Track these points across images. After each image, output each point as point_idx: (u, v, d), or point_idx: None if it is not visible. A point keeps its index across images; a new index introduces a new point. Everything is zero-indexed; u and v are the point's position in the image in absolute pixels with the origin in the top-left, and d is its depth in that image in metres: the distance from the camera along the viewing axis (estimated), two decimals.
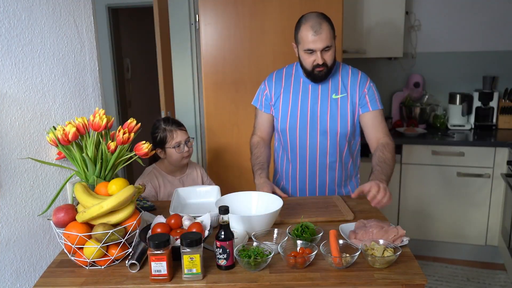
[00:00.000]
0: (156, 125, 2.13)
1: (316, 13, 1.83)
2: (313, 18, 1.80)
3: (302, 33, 1.81)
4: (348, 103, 1.90)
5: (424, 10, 3.44)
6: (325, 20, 1.80)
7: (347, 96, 1.91)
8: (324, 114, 1.91)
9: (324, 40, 1.77)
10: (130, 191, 1.31)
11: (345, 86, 1.92)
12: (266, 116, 2.03)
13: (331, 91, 1.92)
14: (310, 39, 1.78)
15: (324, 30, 1.77)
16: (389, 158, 1.81)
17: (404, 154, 3.14)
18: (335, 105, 1.91)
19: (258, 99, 2.04)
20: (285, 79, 1.98)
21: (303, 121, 1.93)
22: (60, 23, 1.55)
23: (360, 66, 3.57)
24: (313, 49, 1.79)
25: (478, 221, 3.10)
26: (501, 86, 3.41)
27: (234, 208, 1.52)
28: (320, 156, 1.96)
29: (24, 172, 1.43)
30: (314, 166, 1.98)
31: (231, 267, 1.29)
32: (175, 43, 3.18)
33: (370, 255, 1.27)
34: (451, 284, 2.90)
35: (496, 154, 2.97)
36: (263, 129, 2.06)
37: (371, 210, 1.73)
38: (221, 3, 2.73)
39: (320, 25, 1.77)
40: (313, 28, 1.77)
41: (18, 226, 1.42)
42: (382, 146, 1.86)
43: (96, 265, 1.32)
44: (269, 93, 1.99)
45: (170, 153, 2.08)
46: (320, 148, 1.95)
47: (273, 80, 2.00)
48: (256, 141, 2.06)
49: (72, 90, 1.62)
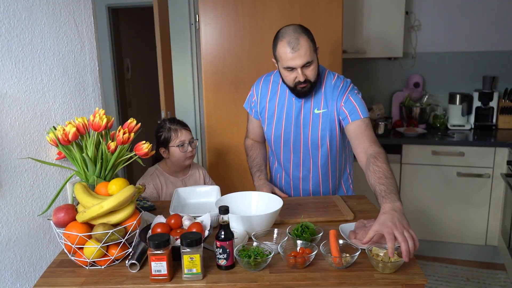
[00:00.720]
0: (161, 124, 2.14)
1: (293, 26, 1.69)
2: (289, 34, 1.66)
3: (280, 50, 1.68)
4: (330, 118, 1.82)
5: (424, 10, 3.44)
6: (303, 34, 1.66)
7: (327, 111, 1.82)
8: (306, 128, 1.85)
9: (303, 56, 1.65)
10: (130, 191, 1.31)
11: (327, 101, 1.82)
12: (256, 122, 2.00)
13: (313, 105, 1.83)
14: (288, 57, 1.66)
15: (302, 45, 1.64)
16: (386, 169, 1.52)
17: (404, 154, 3.14)
18: (317, 120, 1.83)
19: (248, 104, 2.01)
20: (271, 87, 1.90)
21: (287, 132, 1.88)
22: (60, 23, 1.55)
23: (360, 66, 3.61)
24: (292, 67, 1.68)
25: (478, 221, 3.10)
26: (501, 86, 3.41)
27: (234, 208, 1.52)
28: (313, 164, 1.93)
29: (24, 172, 1.43)
30: (308, 172, 1.96)
31: (231, 267, 1.29)
32: (175, 43, 3.18)
33: (380, 261, 1.22)
34: (451, 284, 2.90)
35: (496, 154, 2.97)
36: (255, 133, 2.05)
37: (371, 210, 1.73)
38: (221, 3, 2.73)
39: (298, 40, 1.64)
40: (290, 44, 1.64)
41: (18, 226, 1.42)
42: (373, 158, 1.59)
43: (96, 265, 1.32)
44: (256, 100, 1.94)
45: (173, 152, 2.08)
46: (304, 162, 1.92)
47: (260, 86, 1.93)
48: (250, 143, 2.06)
49: (72, 90, 1.62)
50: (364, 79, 3.63)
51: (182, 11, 3.17)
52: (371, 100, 3.62)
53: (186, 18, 3.15)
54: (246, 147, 2.07)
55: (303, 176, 1.97)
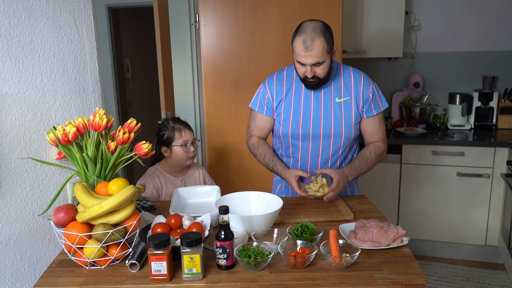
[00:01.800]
0: (163, 123, 2.14)
1: (314, 24, 1.71)
2: (307, 32, 1.69)
3: (295, 45, 1.73)
4: (352, 106, 1.87)
5: (424, 10, 3.44)
6: (320, 35, 1.68)
7: (350, 100, 1.87)
8: (327, 118, 1.88)
9: (314, 57, 1.69)
10: (130, 191, 1.31)
11: (348, 89, 1.87)
12: (267, 119, 1.97)
13: (334, 94, 1.87)
14: (301, 54, 1.71)
15: (316, 47, 1.68)
16: (373, 160, 1.90)
17: (404, 154, 3.14)
18: (338, 109, 1.87)
19: (258, 102, 1.97)
20: (286, 81, 1.92)
21: (305, 126, 1.89)
22: (60, 23, 1.55)
23: (360, 66, 3.58)
24: (303, 63, 1.74)
25: (478, 221, 3.10)
26: (501, 86, 3.41)
27: (234, 208, 1.52)
28: (322, 160, 1.94)
29: (24, 172, 1.43)
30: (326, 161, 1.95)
31: (231, 267, 1.29)
32: (175, 43, 3.18)
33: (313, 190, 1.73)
34: (451, 284, 2.90)
35: (496, 154, 2.97)
36: (263, 131, 2.01)
37: (371, 210, 1.73)
38: (221, 3, 2.73)
39: (313, 41, 1.67)
40: (304, 43, 1.69)
41: (18, 226, 1.42)
42: (373, 147, 1.92)
43: (96, 265, 1.32)
44: (271, 96, 1.92)
45: (175, 152, 2.08)
46: (322, 152, 1.93)
47: (274, 83, 1.92)
48: (256, 141, 2.00)
49: (72, 90, 1.62)
50: None
51: (182, 11, 3.17)
52: None
53: (186, 18, 3.15)
54: (251, 147, 2.02)
55: (321, 166, 1.96)
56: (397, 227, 1.42)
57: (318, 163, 1.95)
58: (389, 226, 1.45)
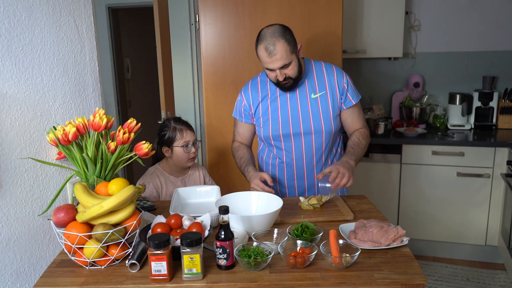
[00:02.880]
0: (165, 123, 2.14)
1: (272, 29, 1.76)
2: (267, 38, 1.75)
3: (259, 53, 1.79)
4: (329, 100, 1.90)
5: (424, 10, 3.44)
6: (280, 38, 1.73)
7: (326, 94, 1.91)
8: (306, 115, 1.91)
9: (279, 60, 1.74)
10: (130, 191, 1.31)
11: (322, 84, 1.91)
12: (247, 126, 2.06)
13: (308, 91, 1.91)
14: (266, 60, 1.76)
15: (278, 50, 1.72)
16: (364, 144, 1.95)
17: (404, 154, 3.14)
18: (315, 105, 1.91)
19: (237, 111, 2.05)
20: (261, 87, 1.97)
21: (285, 126, 1.93)
22: (60, 23, 1.55)
23: (360, 66, 3.61)
24: (271, 69, 1.78)
25: (478, 221, 3.10)
26: (501, 86, 3.41)
27: (234, 208, 1.53)
28: (307, 157, 1.97)
29: (24, 172, 1.43)
30: (301, 168, 1.99)
31: (231, 267, 1.29)
32: (175, 43, 3.18)
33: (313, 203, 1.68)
34: (451, 284, 2.90)
35: (496, 154, 2.97)
36: (244, 136, 2.10)
37: (371, 210, 1.73)
38: (221, 3, 2.73)
39: (274, 45, 1.72)
40: (267, 49, 1.74)
41: (18, 226, 1.42)
42: (358, 133, 1.97)
43: (96, 265, 1.32)
44: (247, 103, 1.99)
45: (176, 152, 2.08)
46: (306, 149, 1.96)
47: (249, 91, 1.99)
48: (237, 145, 2.10)
49: (72, 90, 1.62)
50: (364, 79, 3.63)
51: (182, 11, 3.17)
52: (371, 100, 3.62)
53: (186, 18, 3.15)
54: (233, 150, 2.12)
55: (306, 163, 1.99)
56: (397, 227, 1.42)
57: (303, 161, 1.98)
58: (389, 226, 1.45)
